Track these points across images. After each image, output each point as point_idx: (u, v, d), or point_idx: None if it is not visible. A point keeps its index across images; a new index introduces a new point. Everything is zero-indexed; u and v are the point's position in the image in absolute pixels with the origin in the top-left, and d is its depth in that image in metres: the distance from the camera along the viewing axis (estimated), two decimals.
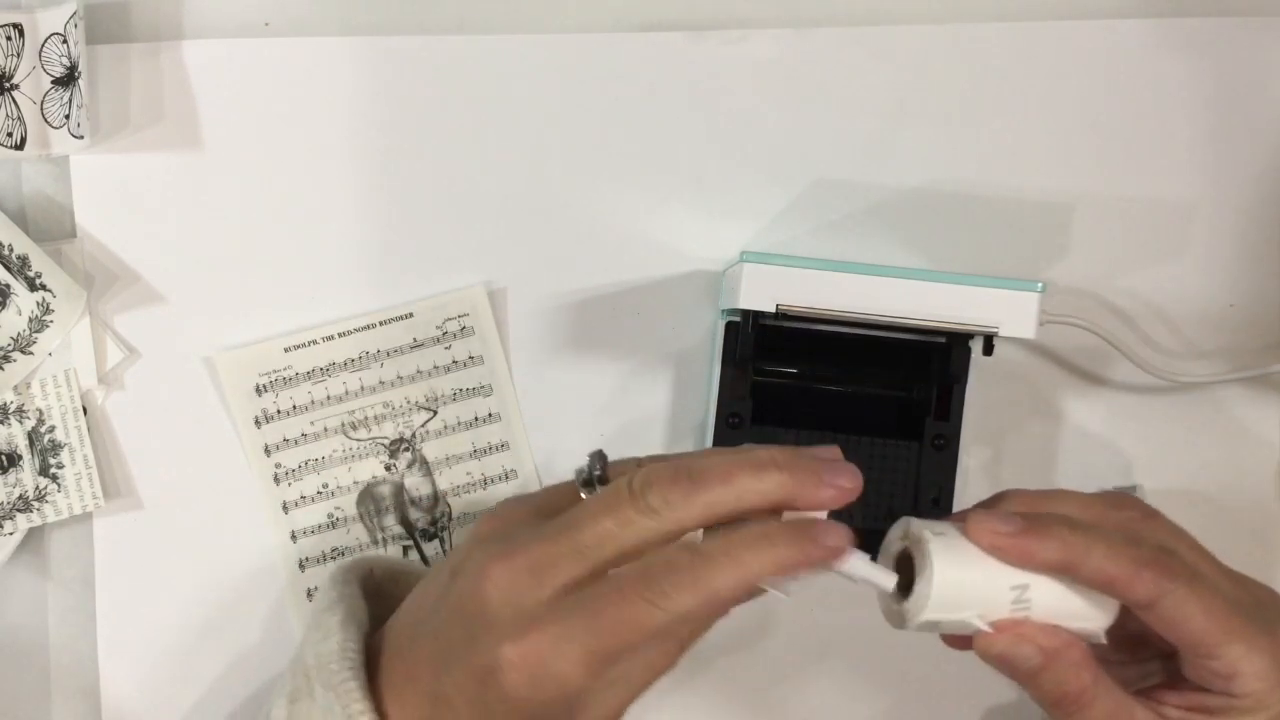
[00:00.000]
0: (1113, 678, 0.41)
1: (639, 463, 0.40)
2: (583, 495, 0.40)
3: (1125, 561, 0.37)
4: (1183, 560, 0.38)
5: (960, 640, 0.40)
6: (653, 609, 0.36)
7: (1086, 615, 0.39)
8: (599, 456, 0.40)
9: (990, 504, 0.42)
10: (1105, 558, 0.37)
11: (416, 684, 0.40)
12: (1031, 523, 0.38)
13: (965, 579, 0.38)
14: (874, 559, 0.39)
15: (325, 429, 0.55)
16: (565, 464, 0.55)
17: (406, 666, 0.40)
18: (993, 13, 0.55)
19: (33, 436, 0.54)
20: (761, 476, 0.37)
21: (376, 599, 0.47)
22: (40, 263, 0.53)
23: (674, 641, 0.40)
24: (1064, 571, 0.38)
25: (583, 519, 0.38)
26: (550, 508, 0.40)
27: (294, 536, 0.55)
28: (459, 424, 0.55)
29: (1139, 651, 0.42)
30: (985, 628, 0.39)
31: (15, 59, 0.53)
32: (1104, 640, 0.40)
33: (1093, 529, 0.38)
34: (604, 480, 0.40)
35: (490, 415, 0.55)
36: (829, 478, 0.37)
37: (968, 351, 0.51)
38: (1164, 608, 0.37)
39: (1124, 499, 0.41)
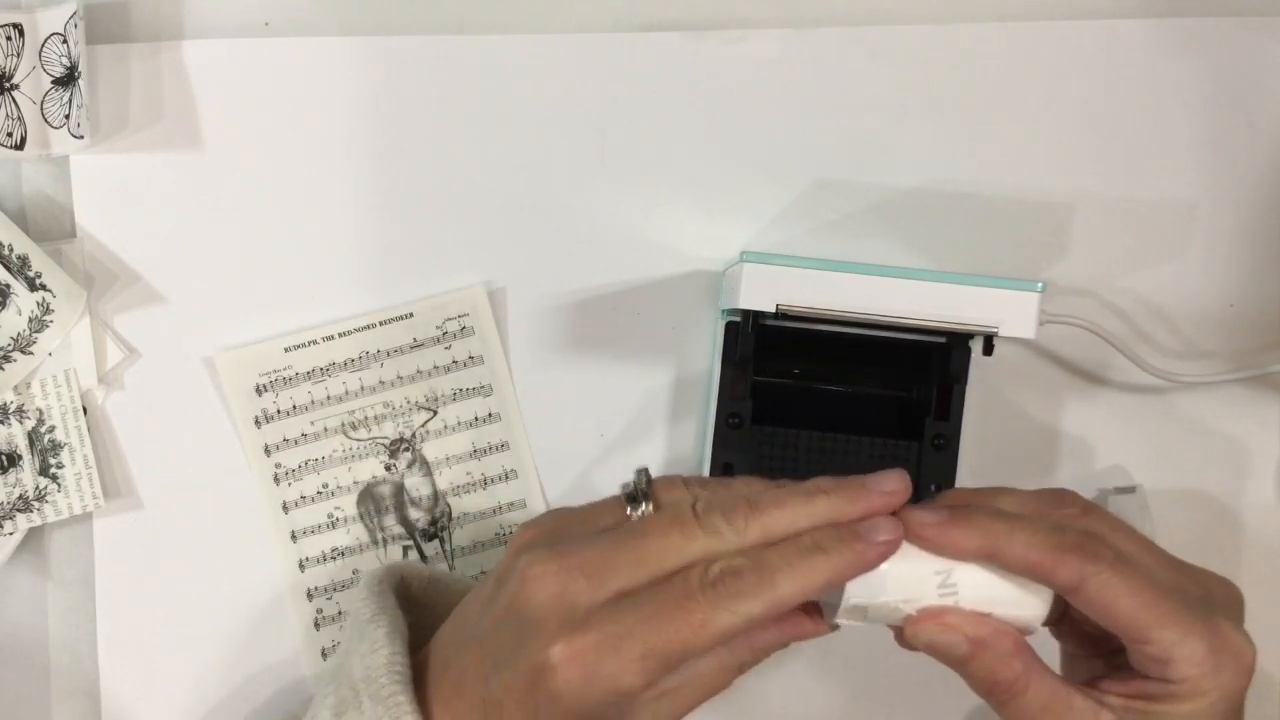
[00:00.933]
0: (1079, 671, 0.41)
1: (684, 481, 0.41)
2: (628, 511, 0.40)
3: (1047, 548, 0.38)
4: (1108, 545, 0.38)
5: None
6: (716, 611, 0.36)
7: (1018, 602, 0.39)
8: (644, 473, 0.41)
9: (930, 503, 0.43)
10: (1027, 544, 0.38)
11: (465, 692, 0.40)
12: (956, 514, 0.39)
13: (888, 566, 0.39)
14: None
15: (325, 429, 0.55)
16: (565, 464, 0.55)
17: (454, 676, 0.41)
18: (993, 13, 0.55)
19: (33, 436, 0.54)
20: (811, 501, 0.39)
21: (413, 608, 0.47)
22: (40, 263, 0.53)
23: (732, 662, 0.40)
24: (988, 558, 0.38)
25: (649, 530, 0.39)
26: (593, 521, 0.41)
27: (294, 536, 0.55)
28: (459, 424, 0.55)
29: (1099, 646, 0.42)
30: (911, 613, 0.39)
31: (15, 59, 0.53)
32: (1038, 629, 0.40)
33: (1017, 517, 0.39)
34: (648, 496, 0.40)
35: (490, 415, 0.55)
36: (874, 484, 0.39)
37: (968, 351, 0.51)
38: (1090, 591, 0.37)
39: (1065, 496, 0.41)
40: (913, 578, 0.39)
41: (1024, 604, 0.39)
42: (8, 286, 0.53)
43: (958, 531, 0.38)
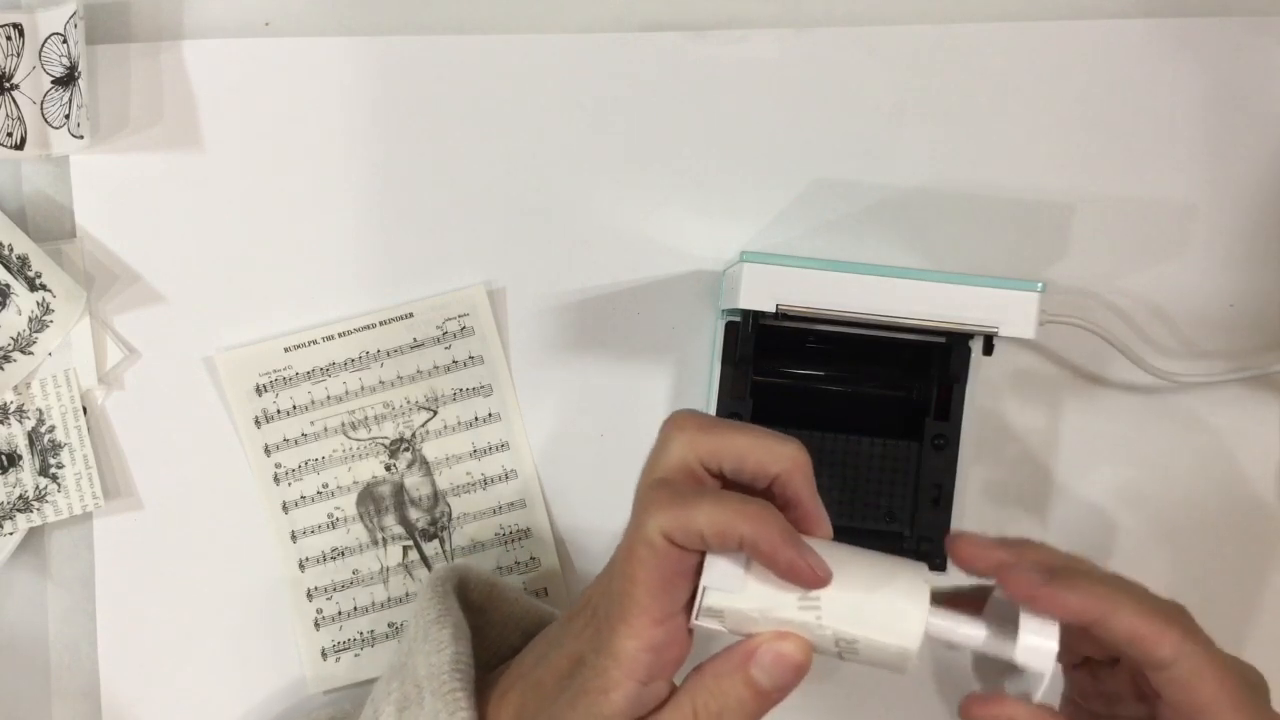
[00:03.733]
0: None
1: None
2: None
3: (1156, 618, 0.37)
4: (1196, 623, 0.38)
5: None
6: (635, 531, 0.37)
7: (887, 627, 0.37)
8: None
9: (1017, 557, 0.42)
10: (1136, 612, 0.37)
11: (520, 685, 0.41)
12: (1060, 576, 0.38)
13: (752, 571, 0.37)
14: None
15: (325, 429, 0.55)
16: (565, 464, 0.55)
17: (519, 686, 0.42)
18: (993, 13, 0.55)
19: (33, 436, 0.54)
20: (780, 442, 0.38)
21: (470, 612, 0.48)
22: (40, 263, 0.53)
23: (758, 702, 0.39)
24: (1091, 624, 0.37)
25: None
26: None
27: (294, 536, 0.55)
28: (459, 424, 0.55)
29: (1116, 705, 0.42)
30: (766, 627, 0.37)
31: (15, 59, 0.53)
32: (911, 661, 0.37)
33: (1115, 581, 0.38)
34: None
35: (490, 415, 0.55)
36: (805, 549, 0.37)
37: (968, 351, 0.51)
38: (1181, 669, 0.37)
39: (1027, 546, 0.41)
40: (774, 586, 0.37)
41: (893, 630, 0.37)
42: (8, 286, 0.53)
43: (1068, 594, 0.37)
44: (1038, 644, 0.37)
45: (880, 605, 0.37)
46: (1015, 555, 0.39)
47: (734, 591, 0.37)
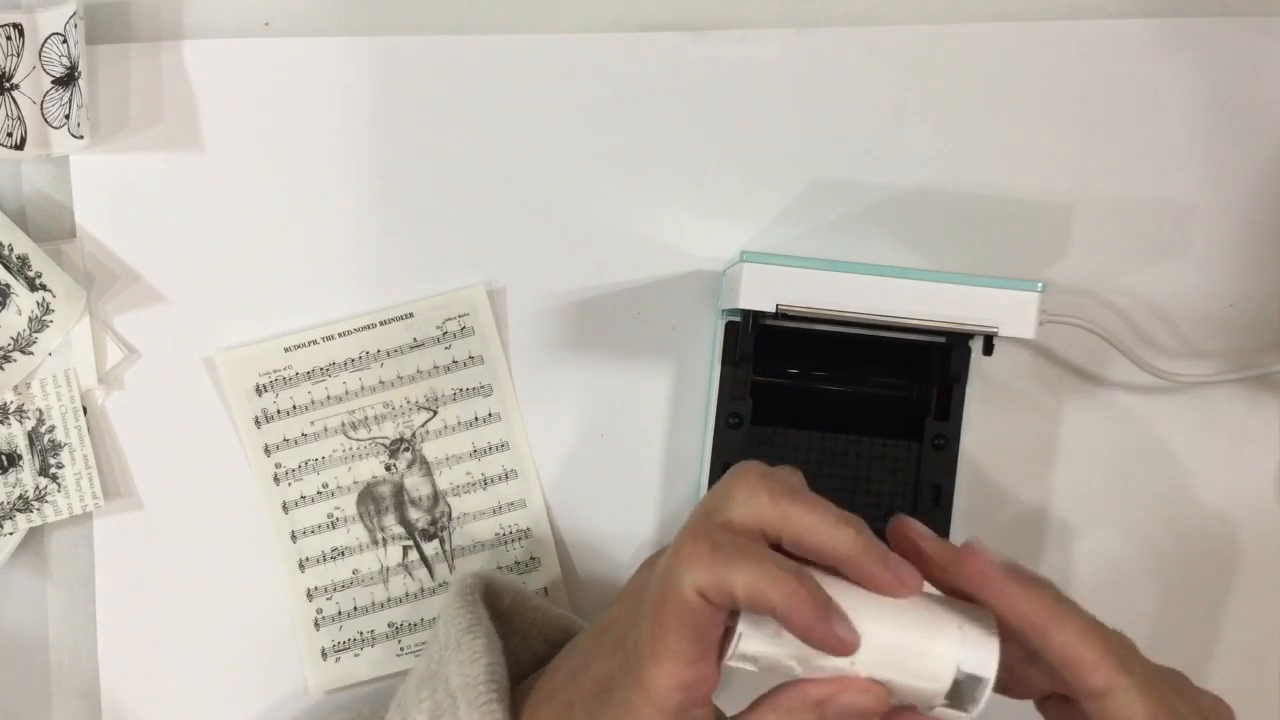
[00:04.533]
0: None
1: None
2: None
3: (1097, 643, 0.36)
4: (1139, 659, 0.37)
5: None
6: (671, 577, 0.36)
7: (921, 673, 0.37)
8: None
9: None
10: (1079, 632, 0.36)
11: (549, 704, 0.41)
12: (1023, 572, 0.38)
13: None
14: None
15: (325, 429, 0.55)
16: (565, 464, 0.55)
17: (550, 705, 0.42)
18: (993, 13, 0.55)
19: (33, 436, 0.54)
20: (842, 524, 0.37)
21: (497, 620, 0.48)
22: (40, 263, 0.53)
23: None
24: (1032, 630, 0.37)
25: (683, 528, 0.39)
26: None
27: (294, 536, 0.55)
28: (459, 424, 0.55)
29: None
30: (799, 671, 0.37)
31: (15, 59, 0.53)
32: (944, 703, 0.37)
33: (1071, 603, 0.38)
34: None
35: (490, 415, 0.55)
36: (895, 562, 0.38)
37: (968, 351, 0.51)
38: (1114, 703, 0.36)
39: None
40: None
41: (927, 675, 0.37)
42: (8, 286, 0.53)
43: (1019, 590, 0.37)
44: (977, 658, 0.37)
45: (912, 649, 0.37)
46: (977, 547, 0.38)
47: (768, 638, 0.37)
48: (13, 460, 0.54)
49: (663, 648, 0.37)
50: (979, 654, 0.37)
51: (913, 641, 0.37)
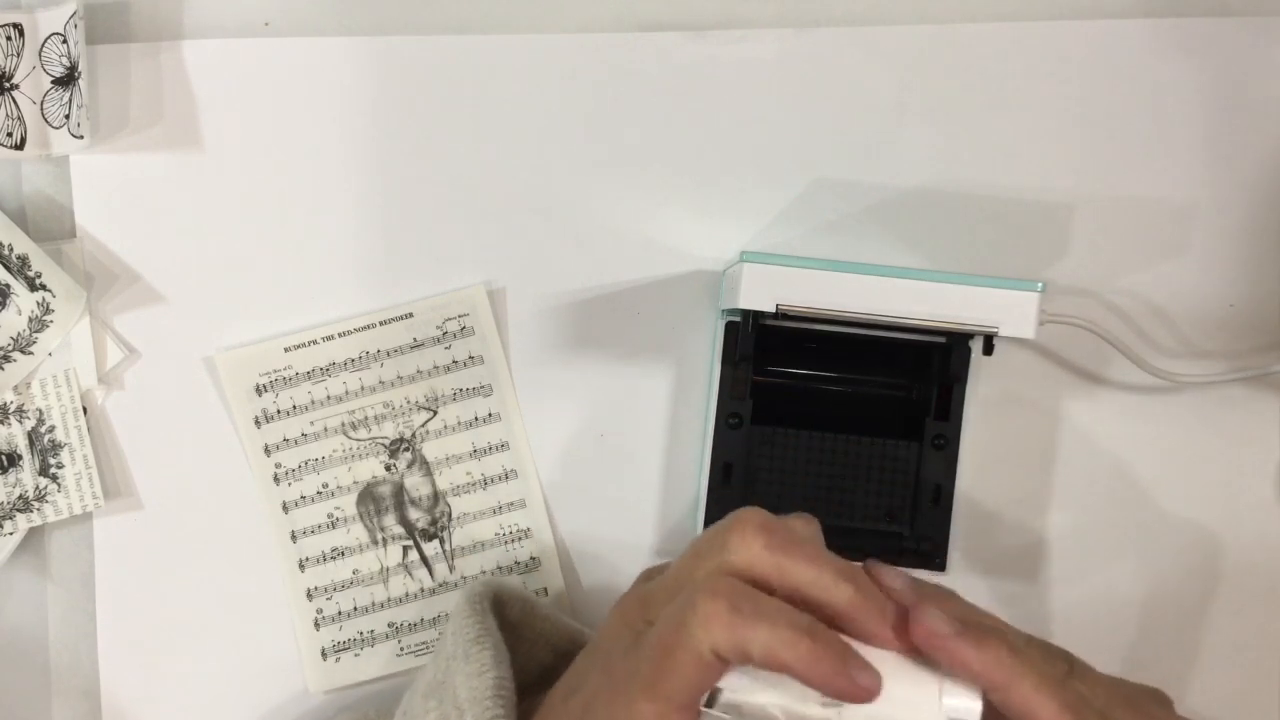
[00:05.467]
0: None
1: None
2: None
3: (1054, 703, 0.37)
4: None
5: None
6: (685, 636, 0.36)
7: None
8: None
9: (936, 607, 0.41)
10: (1036, 689, 0.36)
11: None
12: (971, 630, 0.37)
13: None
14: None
15: (325, 429, 0.55)
16: (565, 464, 0.56)
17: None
18: (993, 13, 0.55)
19: (33, 436, 0.54)
20: (840, 580, 0.37)
21: (506, 630, 0.48)
22: (40, 263, 0.53)
23: None
24: (989, 688, 0.37)
25: (675, 563, 0.39)
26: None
27: (294, 536, 0.55)
28: (459, 424, 0.55)
29: None
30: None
31: (15, 59, 0.53)
32: None
33: (1029, 657, 0.38)
34: None
35: (490, 415, 0.55)
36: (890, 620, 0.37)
37: (968, 351, 0.51)
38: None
39: (1054, 651, 0.40)
40: (797, 684, 0.36)
41: None
42: (8, 286, 0.53)
43: (969, 650, 0.37)
44: (963, 706, 0.37)
45: (899, 699, 0.37)
46: (923, 598, 0.38)
47: (754, 688, 0.37)
48: (13, 460, 0.54)
49: (659, 690, 0.36)
50: (964, 702, 0.37)
51: (899, 691, 0.37)
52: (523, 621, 0.49)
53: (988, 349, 0.50)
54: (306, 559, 0.55)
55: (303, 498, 0.55)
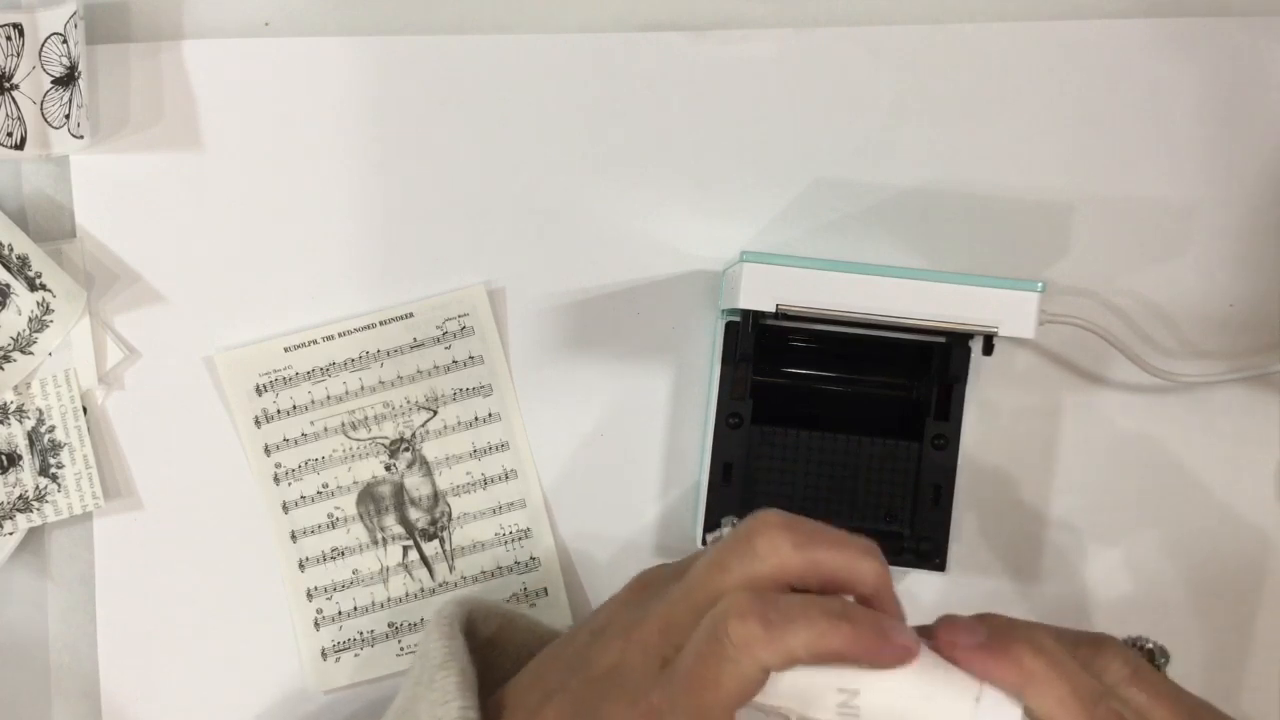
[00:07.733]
0: None
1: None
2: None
3: (1080, 715, 0.37)
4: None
5: None
6: (726, 663, 0.36)
7: None
8: (732, 522, 0.40)
9: (968, 620, 0.41)
10: (1060, 700, 0.37)
11: None
12: (996, 640, 0.37)
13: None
14: None
15: (325, 429, 0.55)
16: (565, 464, 0.55)
17: None
18: (993, 13, 0.55)
19: (33, 436, 0.54)
20: (865, 557, 0.37)
21: (483, 648, 0.47)
22: (40, 263, 0.53)
23: None
24: (1016, 698, 0.37)
25: (694, 574, 0.38)
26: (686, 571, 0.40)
27: (294, 536, 0.55)
28: (459, 424, 0.55)
29: None
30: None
31: (15, 59, 0.53)
32: None
33: (1058, 664, 0.37)
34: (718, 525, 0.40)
35: (490, 415, 0.55)
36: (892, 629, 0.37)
37: (968, 351, 0.51)
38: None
39: (1105, 644, 0.40)
40: (813, 689, 0.36)
41: None
42: (8, 286, 0.53)
43: (994, 662, 0.37)
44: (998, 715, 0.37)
45: (931, 705, 0.37)
46: (949, 624, 0.38)
47: (766, 696, 0.37)
48: (13, 460, 0.54)
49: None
50: (1002, 711, 0.37)
51: (934, 698, 0.37)
52: (501, 637, 0.49)
53: (988, 349, 0.50)
54: (306, 559, 0.55)
55: (303, 498, 0.55)
